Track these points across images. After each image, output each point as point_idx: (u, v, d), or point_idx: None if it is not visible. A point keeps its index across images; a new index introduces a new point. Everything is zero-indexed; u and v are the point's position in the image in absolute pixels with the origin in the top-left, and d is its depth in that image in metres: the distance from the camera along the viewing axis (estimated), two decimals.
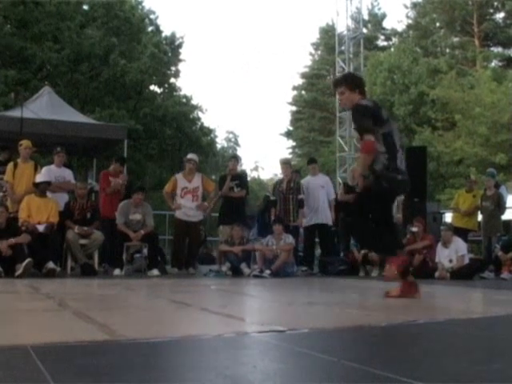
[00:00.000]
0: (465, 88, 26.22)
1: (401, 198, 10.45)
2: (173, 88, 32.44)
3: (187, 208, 10.03)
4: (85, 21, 25.60)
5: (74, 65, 24.51)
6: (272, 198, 10.63)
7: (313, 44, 46.83)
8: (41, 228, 8.54)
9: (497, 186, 11.51)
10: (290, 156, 44.85)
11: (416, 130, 28.05)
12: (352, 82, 5.26)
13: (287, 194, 10.41)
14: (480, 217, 11.31)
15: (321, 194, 10.71)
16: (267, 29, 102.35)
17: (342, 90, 5.17)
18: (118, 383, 1.81)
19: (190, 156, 10.61)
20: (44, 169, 9.44)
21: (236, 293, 6.67)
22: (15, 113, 11.99)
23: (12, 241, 7.86)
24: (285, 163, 10.99)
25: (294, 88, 46.16)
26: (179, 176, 10.34)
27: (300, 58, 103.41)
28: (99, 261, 9.45)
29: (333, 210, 10.80)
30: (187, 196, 10.10)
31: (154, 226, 9.81)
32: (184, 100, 31.16)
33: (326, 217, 10.72)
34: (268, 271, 9.11)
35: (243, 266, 9.64)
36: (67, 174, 9.87)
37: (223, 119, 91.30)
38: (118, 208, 9.46)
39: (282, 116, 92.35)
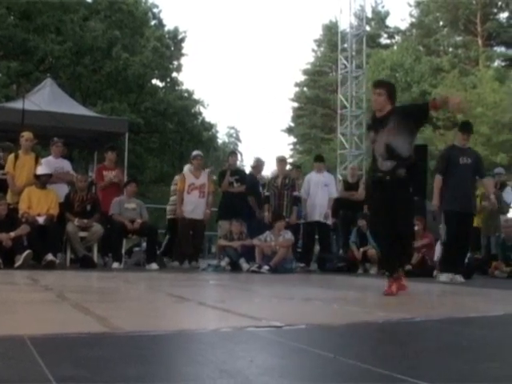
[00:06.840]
0: (467, 87, 26.21)
1: None
2: (175, 82, 32.36)
3: (192, 204, 10.03)
4: (88, 13, 25.46)
5: (77, 57, 24.40)
6: (266, 193, 10.58)
7: (315, 41, 46.79)
8: (41, 220, 8.54)
9: (504, 185, 11.48)
10: (291, 152, 45.04)
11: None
12: (394, 91, 5.54)
13: (282, 190, 10.39)
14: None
15: (323, 192, 10.67)
16: (270, 25, 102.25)
17: (382, 92, 5.37)
18: (115, 376, 1.82)
19: (196, 152, 10.69)
20: (43, 161, 9.40)
21: (234, 288, 6.68)
22: (17, 104, 11.95)
23: (12, 234, 7.88)
24: (281, 160, 10.99)
25: (296, 84, 46.12)
26: (187, 172, 10.35)
27: (302, 55, 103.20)
28: (100, 253, 9.46)
29: (330, 208, 10.76)
30: (194, 192, 10.07)
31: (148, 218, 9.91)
32: (186, 94, 31.05)
33: (325, 214, 10.70)
34: (266, 267, 9.10)
35: (242, 261, 9.64)
36: (66, 165, 9.88)
37: (225, 114, 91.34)
38: (112, 202, 9.48)
39: (284, 112, 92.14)
